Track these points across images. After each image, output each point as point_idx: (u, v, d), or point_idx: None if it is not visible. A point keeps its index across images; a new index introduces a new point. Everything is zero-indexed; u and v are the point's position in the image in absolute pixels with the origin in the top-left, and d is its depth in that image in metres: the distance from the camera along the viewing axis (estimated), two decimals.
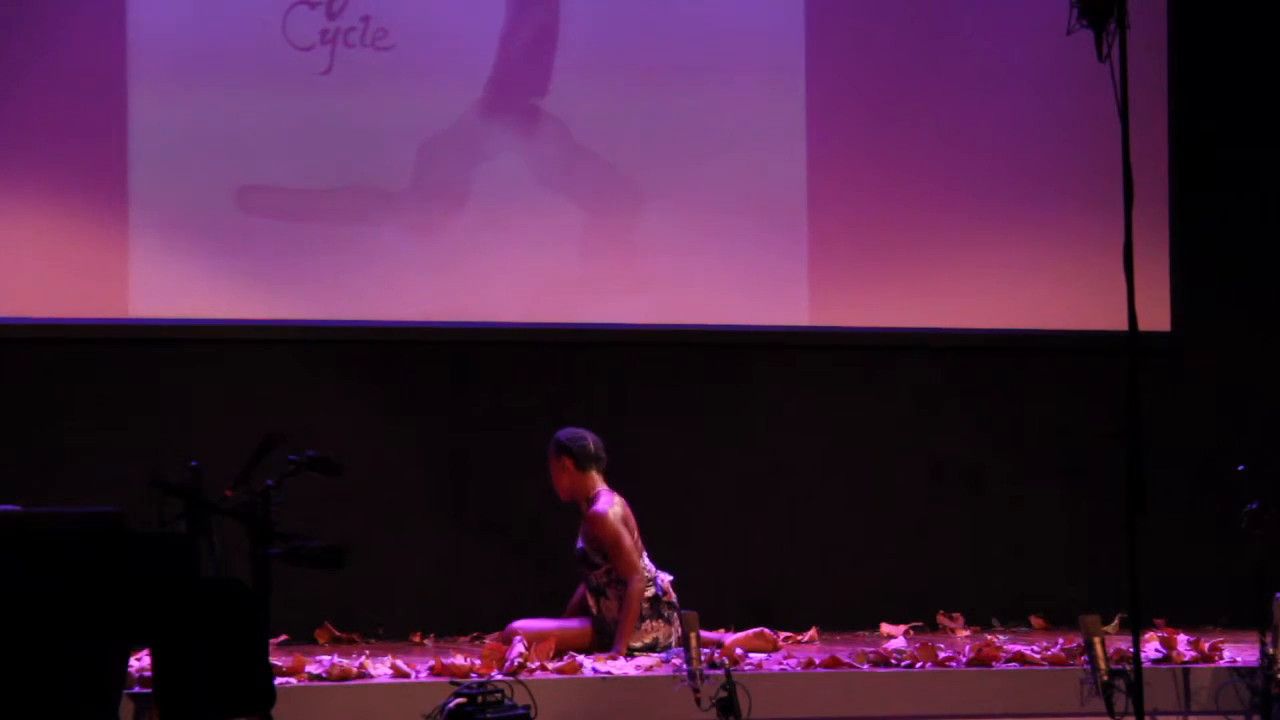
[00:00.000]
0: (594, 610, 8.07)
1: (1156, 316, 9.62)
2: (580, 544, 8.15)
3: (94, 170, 9.08)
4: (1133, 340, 6.13)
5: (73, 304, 9.07)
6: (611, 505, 8.07)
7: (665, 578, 8.10)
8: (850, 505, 9.63)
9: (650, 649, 7.88)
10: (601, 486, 8.14)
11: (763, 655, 7.80)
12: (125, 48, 9.10)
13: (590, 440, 8.17)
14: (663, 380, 9.55)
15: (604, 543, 8.03)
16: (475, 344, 9.42)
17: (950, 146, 9.71)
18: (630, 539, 8.03)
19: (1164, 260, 9.77)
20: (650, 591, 8.01)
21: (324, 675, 7.11)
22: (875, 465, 9.68)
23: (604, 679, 7.23)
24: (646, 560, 8.10)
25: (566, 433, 8.22)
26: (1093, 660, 6.56)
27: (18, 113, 9.02)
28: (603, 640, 7.97)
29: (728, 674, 6.49)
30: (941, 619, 9.37)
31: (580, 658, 7.52)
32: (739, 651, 7.75)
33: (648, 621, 7.98)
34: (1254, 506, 7.01)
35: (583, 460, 8.14)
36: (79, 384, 9.11)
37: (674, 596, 8.03)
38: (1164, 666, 7.41)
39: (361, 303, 9.28)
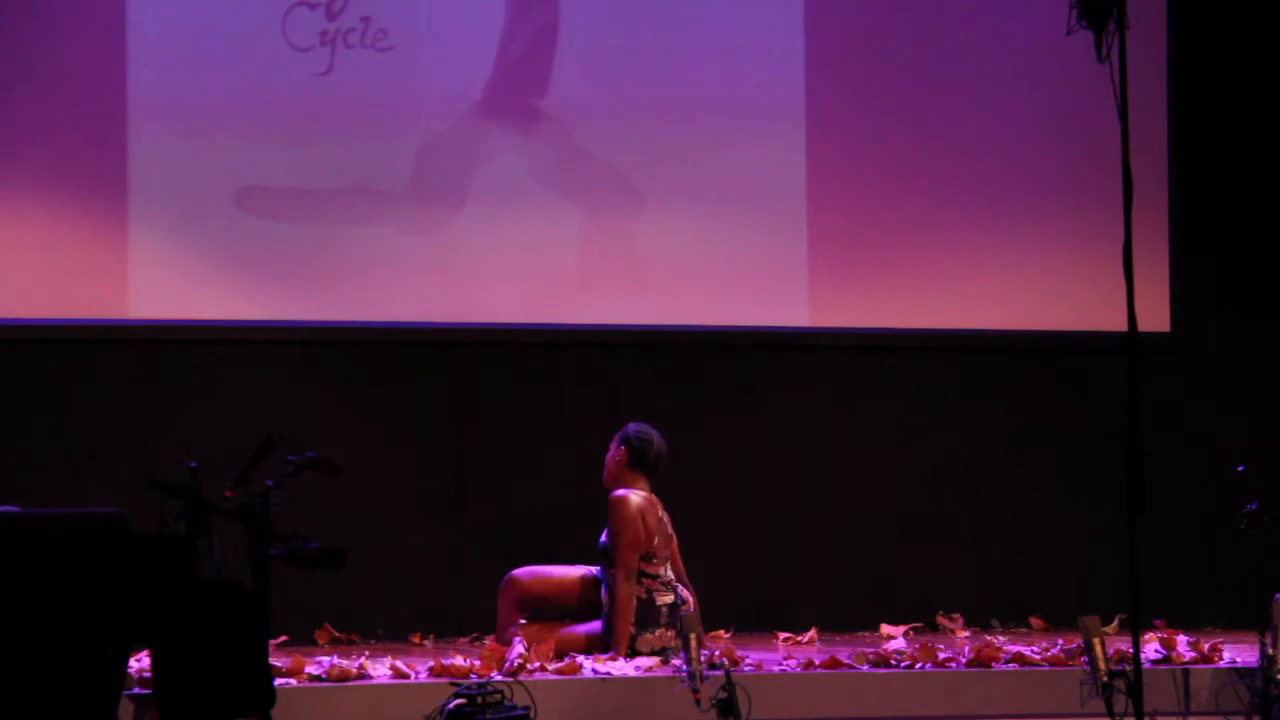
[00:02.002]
0: (607, 607, 8.05)
1: (1156, 316, 9.63)
2: (604, 539, 8.09)
3: (94, 170, 9.08)
4: (1133, 340, 6.13)
5: (73, 304, 9.07)
6: (633, 494, 8.03)
7: (686, 593, 8.05)
8: (850, 505, 9.63)
9: (661, 654, 7.83)
10: (641, 489, 8.11)
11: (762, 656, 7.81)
12: (125, 47, 9.10)
13: (655, 447, 8.09)
14: (662, 380, 9.55)
15: (614, 527, 7.96)
16: (475, 344, 9.42)
17: (950, 147, 9.71)
18: (639, 537, 7.96)
19: (1164, 260, 9.78)
20: (669, 599, 7.96)
21: (324, 676, 7.10)
22: (875, 465, 9.68)
23: (604, 679, 7.23)
24: (668, 570, 8.04)
25: (638, 427, 8.15)
26: (1093, 661, 6.55)
27: (18, 113, 9.01)
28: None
29: (727, 675, 6.49)
30: (941, 620, 9.37)
31: (580, 658, 7.51)
32: (739, 652, 7.75)
33: (660, 630, 7.93)
34: (1254, 506, 7.01)
35: (636, 460, 8.10)
36: (79, 384, 9.11)
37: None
38: (1164, 667, 7.41)
39: (361, 303, 9.28)
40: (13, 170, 9.03)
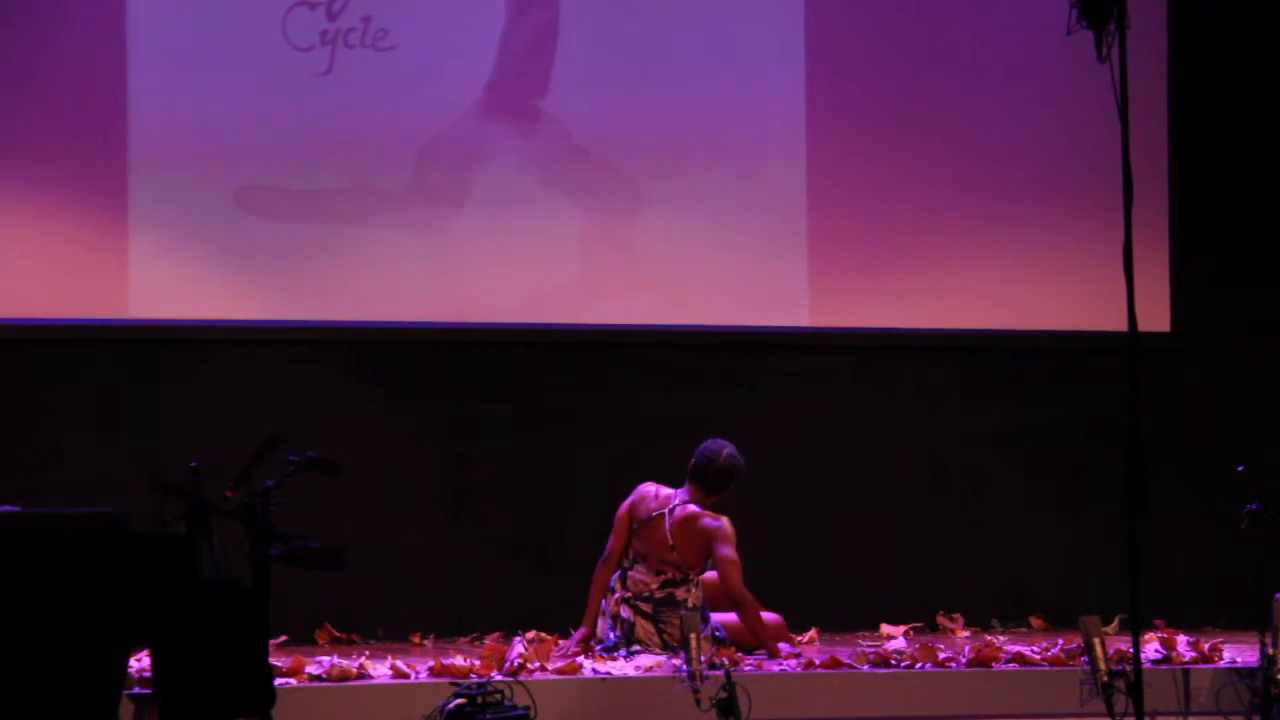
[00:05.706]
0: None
1: (1156, 316, 9.63)
2: None
3: (94, 170, 9.07)
4: (1133, 340, 6.13)
5: (73, 304, 9.06)
6: (646, 485, 8.15)
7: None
8: (850, 505, 9.63)
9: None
10: (682, 494, 8.16)
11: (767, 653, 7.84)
12: (125, 47, 9.10)
13: (697, 460, 8.17)
14: (662, 381, 9.54)
15: None
16: (475, 344, 9.42)
17: (950, 147, 9.71)
18: (621, 521, 8.08)
19: (1164, 260, 9.78)
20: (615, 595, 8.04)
21: (324, 676, 7.11)
22: (875, 465, 9.68)
23: (604, 679, 7.23)
24: (631, 576, 8.10)
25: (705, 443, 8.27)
26: (1093, 661, 6.55)
27: (18, 112, 9.01)
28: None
29: (728, 675, 6.49)
30: (941, 620, 9.37)
31: (580, 658, 7.53)
32: (739, 653, 7.77)
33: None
34: (1254, 506, 7.01)
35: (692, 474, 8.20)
36: (79, 384, 9.10)
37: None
38: (1164, 667, 7.42)
39: (361, 303, 9.27)
40: (12, 170, 9.03)
